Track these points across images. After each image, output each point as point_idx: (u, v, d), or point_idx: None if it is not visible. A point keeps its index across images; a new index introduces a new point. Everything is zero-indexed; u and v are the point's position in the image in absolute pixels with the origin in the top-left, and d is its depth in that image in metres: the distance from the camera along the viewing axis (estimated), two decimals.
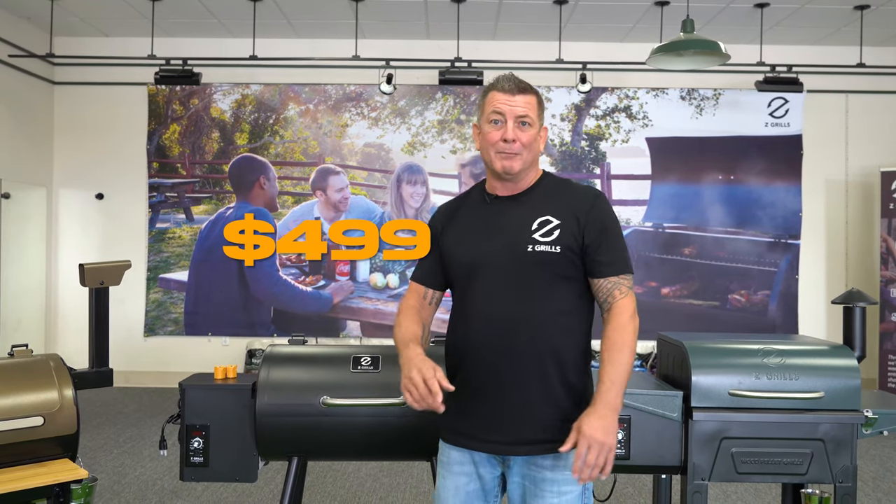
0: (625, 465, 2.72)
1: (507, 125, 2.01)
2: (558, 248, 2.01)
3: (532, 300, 2.03)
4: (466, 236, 2.11)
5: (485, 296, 2.04)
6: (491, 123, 2.03)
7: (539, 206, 2.07)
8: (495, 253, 2.05)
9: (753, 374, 2.65)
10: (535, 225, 2.04)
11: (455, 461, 2.11)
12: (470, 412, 2.06)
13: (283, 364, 2.78)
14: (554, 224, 2.03)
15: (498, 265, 2.04)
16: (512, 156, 2.02)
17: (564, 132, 7.62)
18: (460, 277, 2.11)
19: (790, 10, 6.57)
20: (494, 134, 2.03)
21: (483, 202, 2.13)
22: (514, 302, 2.03)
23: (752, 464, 2.66)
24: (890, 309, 7.07)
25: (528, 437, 2.02)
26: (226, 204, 7.62)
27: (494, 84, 2.07)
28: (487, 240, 2.07)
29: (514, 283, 2.03)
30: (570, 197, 2.08)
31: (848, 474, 2.66)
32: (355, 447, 2.76)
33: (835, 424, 2.65)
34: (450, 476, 2.12)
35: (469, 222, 2.14)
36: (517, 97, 2.02)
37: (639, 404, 2.67)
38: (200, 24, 7.17)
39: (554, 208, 2.06)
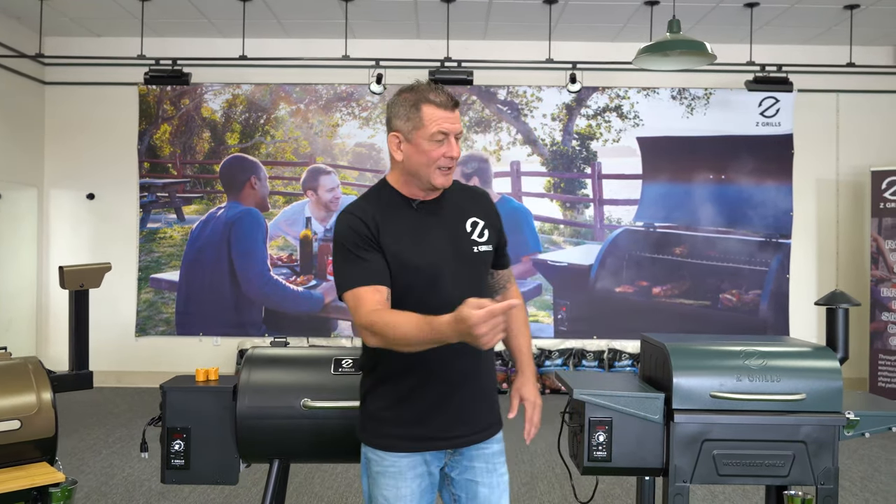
0: (606, 468, 2.72)
1: (452, 142, 2.04)
2: (490, 246, 2.18)
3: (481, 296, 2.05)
4: (412, 241, 2.08)
5: (446, 298, 2.02)
6: (434, 142, 2.03)
7: (460, 209, 2.17)
8: (449, 256, 2.10)
9: (735, 375, 2.65)
10: (468, 227, 2.15)
11: (408, 467, 2.11)
12: (433, 415, 2.10)
13: (264, 366, 2.78)
14: (481, 224, 2.17)
15: (453, 267, 2.10)
16: (449, 171, 2.08)
17: (555, 132, 7.62)
18: (418, 282, 2.07)
19: (780, 10, 6.57)
20: (438, 151, 2.03)
21: (409, 207, 2.12)
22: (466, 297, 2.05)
23: (733, 466, 2.66)
24: (880, 308, 7.08)
25: (485, 422, 2.18)
26: (217, 204, 7.61)
27: (429, 97, 2.04)
28: (435, 244, 2.10)
29: (467, 283, 2.10)
30: (474, 197, 2.23)
31: (830, 476, 2.66)
32: (336, 449, 2.75)
33: (816, 426, 2.65)
34: (405, 483, 2.11)
35: (404, 227, 2.09)
36: (455, 113, 2.06)
37: (620, 406, 2.67)
38: (191, 24, 7.16)
39: (471, 209, 2.18)
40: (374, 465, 2.13)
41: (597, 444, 2.70)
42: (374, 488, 2.13)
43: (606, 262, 7.61)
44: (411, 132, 2.04)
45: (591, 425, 2.69)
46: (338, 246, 2.06)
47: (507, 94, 7.59)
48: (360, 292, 1.99)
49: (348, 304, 2.02)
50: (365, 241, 2.03)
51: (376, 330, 1.93)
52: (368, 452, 2.14)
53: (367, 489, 2.18)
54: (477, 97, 7.59)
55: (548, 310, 7.59)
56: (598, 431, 2.71)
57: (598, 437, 2.70)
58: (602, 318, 7.55)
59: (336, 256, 2.08)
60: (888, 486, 4.69)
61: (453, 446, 2.14)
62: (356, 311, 1.99)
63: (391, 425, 2.10)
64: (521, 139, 7.63)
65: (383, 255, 2.04)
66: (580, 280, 7.60)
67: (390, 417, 2.10)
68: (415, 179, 2.09)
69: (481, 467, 2.17)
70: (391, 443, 2.11)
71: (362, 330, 1.98)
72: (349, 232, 2.04)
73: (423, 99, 2.03)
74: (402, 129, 2.05)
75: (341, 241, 2.05)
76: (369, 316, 1.95)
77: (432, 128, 2.01)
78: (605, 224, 7.63)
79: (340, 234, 2.06)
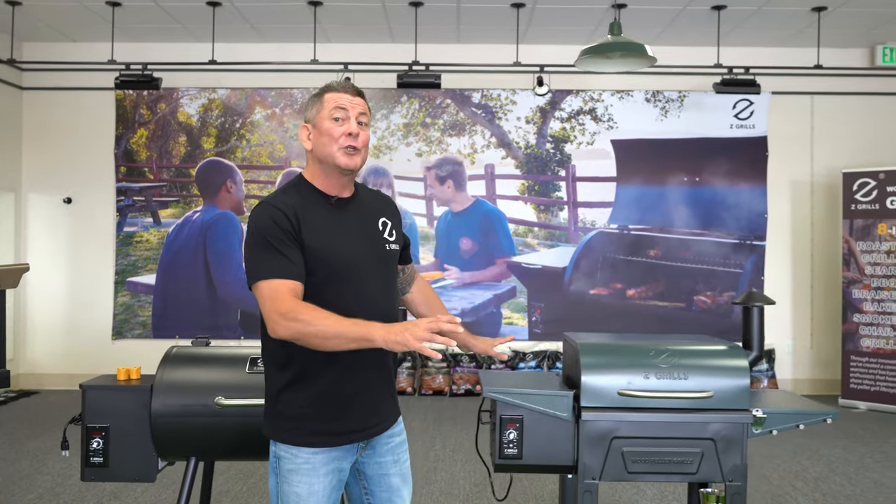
0: (517, 465, 2.74)
1: (351, 120, 2.12)
2: (398, 246, 2.30)
3: (392, 294, 2.28)
4: (332, 237, 2.13)
5: (364, 294, 2.14)
6: (332, 120, 2.11)
7: (371, 208, 2.27)
8: (365, 253, 2.18)
9: (643, 373, 2.67)
10: (379, 226, 2.25)
11: (321, 463, 2.13)
12: (351, 409, 2.15)
13: (180, 365, 2.82)
14: (390, 225, 2.28)
15: (368, 265, 2.18)
16: (355, 151, 2.13)
17: (529, 135, 7.65)
18: (332, 277, 2.11)
19: (748, 13, 6.59)
20: (338, 129, 2.11)
21: (327, 203, 2.17)
22: (384, 298, 2.22)
23: (642, 463, 2.68)
24: (852, 310, 7.08)
25: (391, 410, 2.29)
26: (193, 207, 7.67)
27: (331, 86, 2.17)
28: (354, 241, 2.17)
29: (380, 281, 2.21)
30: (382, 198, 2.36)
31: (738, 473, 2.68)
32: (251, 447, 2.78)
33: (724, 424, 2.67)
34: (318, 479, 2.13)
35: (324, 223, 2.13)
36: (356, 98, 2.16)
37: (530, 404, 2.70)
38: (165, 29, 7.22)
39: (381, 210, 2.29)
40: (286, 463, 2.14)
41: (508, 442, 2.73)
42: (286, 486, 2.14)
43: (581, 264, 7.63)
44: (315, 117, 2.14)
45: (502, 423, 2.72)
46: (257, 236, 2.07)
47: (481, 97, 7.63)
48: (278, 284, 2.01)
49: (262, 293, 2.02)
50: (286, 235, 2.05)
51: (298, 317, 1.94)
52: (280, 450, 2.15)
53: (275, 488, 2.18)
54: (451, 100, 7.63)
55: (522, 312, 7.61)
56: (509, 429, 2.73)
57: (508, 435, 2.73)
58: (576, 321, 7.56)
59: (253, 247, 2.08)
60: (840, 488, 4.69)
61: (367, 437, 2.20)
62: (272, 300, 1.99)
63: (310, 421, 2.12)
64: (495, 142, 7.66)
65: (301, 250, 2.06)
66: (554, 282, 7.62)
67: (309, 414, 2.12)
68: (323, 166, 2.14)
69: (390, 459, 2.27)
70: (309, 439, 2.12)
71: (278, 318, 1.96)
72: (271, 224, 2.06)
73: (326, 88, 2.18)
74: (310, 118, 2.16)
75: (262, 232, 2.06)
76: (289, 304, 1.97)
77: (331, 104, 2.12)
78: (580, 226, 7.65)
79: (261, 225, 2.07)
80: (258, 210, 2.11)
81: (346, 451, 2.18)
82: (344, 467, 2.18)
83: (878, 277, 6.93)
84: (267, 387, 2.21)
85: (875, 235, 6.95)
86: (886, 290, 6.88)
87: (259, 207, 2.12)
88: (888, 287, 6.87)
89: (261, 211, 2.10)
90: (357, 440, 2.18)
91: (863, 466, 5.15)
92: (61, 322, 7.70)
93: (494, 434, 2.74)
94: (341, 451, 2.16)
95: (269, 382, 2.20)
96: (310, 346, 1.97)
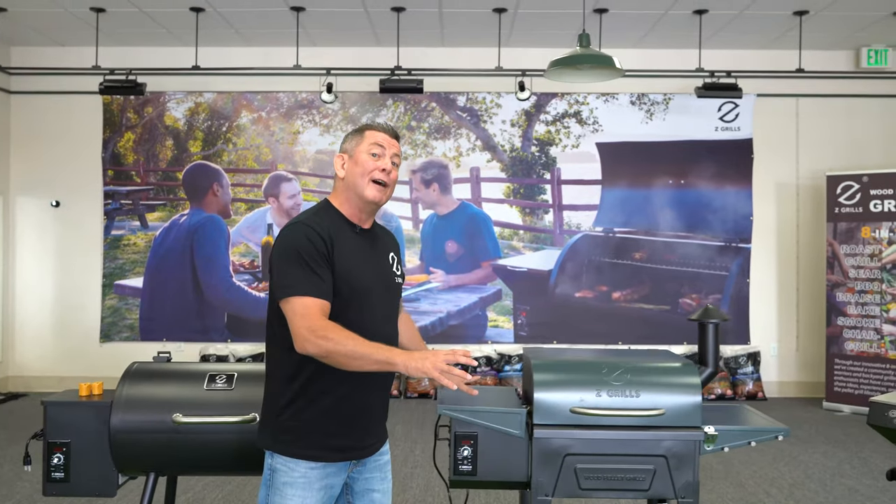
0: (472, 481, 2.77)
1: (386, 158, 2.27)
2: (402, 280, 2.46)
3: (395, 322, 2.44)
4: (357, 262, 2.25)
5: (377, 317, 2.29)
6: (369, 154, 2.26)
7: (384, 242, 2.43)
8: (380, 281, 2.33)
9: (595, 390, 2.70)
10: (390, 259, 2.41)
11: (317, 478, 2.19)
12: (353, 426, 2.24)
13: (140, 381, 2.85)
14: (397, 260, 2.44)
15: (381, 293, 2.33)
16: (385, 187, 2.27)
17: (515, 138, 7.67)
18: (353, 299, 2.21)
19: (730, 17, 6.59)
20: (373, 163, 2.25)
21: (353, 231, 2.29)
22: (390, 324, 2.39)
23: (594, 480, 2.70)
24: (836, 313, 7.09)
25: (384, 430, 2.41)
26: (180, 211, 7.70)
27: (372, 125, 2.34)
28: (372, 268, 2.32)
29: (388, 307, 2.37)
30: (390, 235, 2.51)
31: (690, 489, 2.70)
32: (209, 464, 2.82)
33: (676, 441, 2.69)
34: (311, 494, 2.19)
35: (351, 248, 2.24)
36: (393, 140, 2.32)
37: (484, 422, 2.72)
38: (151, 34, 7.24)
39: (390, 245, 2.45)
40: (281, 476, 2.18)
41: (462, 458, 2.76)
42: (278, 498, 2.18)
43: (566, 267, 7.65)
44: (353, 149, 2.28)
45: (456, 440, 2.75)
46: (291, 253, 2.13)
47: (466, 100, 7.64)
48: (311, 302, 2.10)
49: (293, 308, 2.09)
50: (321, 256, 2.14)
51: (329, 336, 2.04)
52: (277, 463, 2.19)
53: (265, 500, 2.22)
54: (436, 104, 7.64)
55: (507, 315, 7.63)
56: (464, 446, 2.76)
57: (462, 452, 2.76)
58: (562, 324, 7.59)
59: (285, 262, 2.14)
60: (814, 495, 4.72)
61: (363, 456, 2.30)
62: (303, 317, 2.08)
63: (313, 435, 2.18)
64: (480, 145, 7.68)
65: (332, 272, 2.16)
66: (540, 285, 7.64)
67: (313, 428, 2.18)
68: (352, 195, 2.26)
69: (377, 476, 2.37)
70: (309, 453, 2.18)
71: (308, 335, 2.05)
72: (307, 242, 2.14)
73: (367, 126, 2.33)
74: (347, 149, 2.30)
75: (297, 249, 2.13)
76: (320, 321, 2.07)
77: (370, 140, 2.27)
78: (565, 229, 7.67)
79: (296, 243, 2.14)
80: (293, 228, 2.19)
81: (340, 467, 2.25)
82: (335, 483, 2.25)
83: (862, 280, 6.94)
84: (268, 398, 2.26)
85: (859, 238, 6.96)
86: (870, 293, 6.89)
87: (294, 226, 2.20)
88: (872, 290, 6.88)
89: (296, 229, 2.18)
90: (354, 458, 2.27)
91: (839, 473, 5.17)
92: (49, 325, 7.74)
93: (450, 450, 2.77)
94: (336, 467, 2.23)
95: (272, 394, 2.24)
96: (334, 363, 2.07)
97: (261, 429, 2.26)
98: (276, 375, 2.23)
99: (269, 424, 2.23)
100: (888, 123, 7.63)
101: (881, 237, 6.83)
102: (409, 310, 7.75)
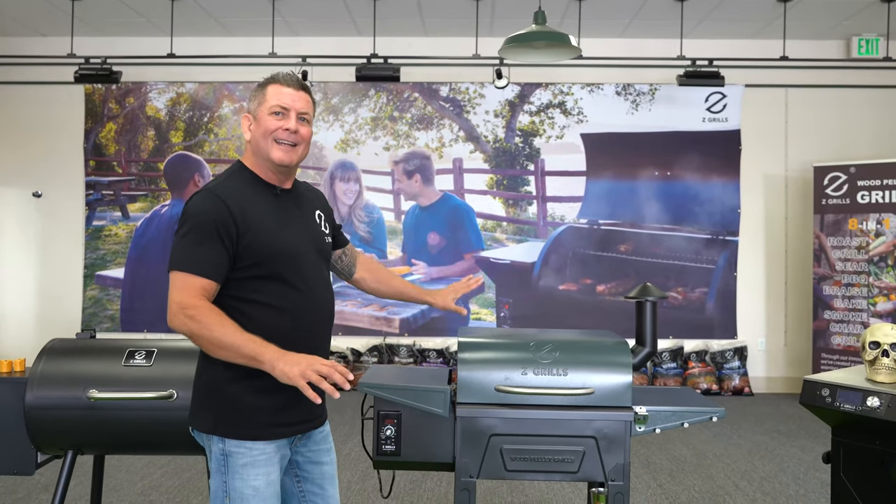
0: (396, 462, 2.68)
1: (291, 117, 2.11)
2: (331, 238, 2.35)
3: (328, 284, 2.29)
4: (279, 226, 2.12)
5: (311, 284, 2.17)
6: (272, 115, 2.11)
7: (310, 201, 2.30)
8: (306, 244, 2.19)
9: (521, 368, 2.60)
10: (317, 219, 2.28)
11: (274, 452, 2.13)
12: (298, 400, 2.04)
13: (58, 357, 2.79)
14: (324, 217, 2.32)
15: (309, 256, 2.19)
16: (291, 148, 2.13)
17: (498, 128, 7.57)
18: (278, 266, 2.09)
19: (712, 5, 6.48)
20: (275, 123, 2.10)
21: (272, 194, 2.17)
22: (323, 288, 2.24)
23: (521, 461, 2.61)
24: (823, 307, 6.95)
25: (325, 405, 2.25)
26: (161, 201, 7.66)
27: (275, 78, 2.15)
28: (297, 230, 2.18)
29: (322, 271, 2.26)
30: (312, 191, 2.38)
31: (620, 472, 2.61)
32: (126, 441, 2.75)
33: (606, 422, 2.60)
34: (273, 469, 2.12)
35: (268, 212, 2.12)
36: (300, 92, 2.14)
37: (406, 400, 2.64)
38: (131, 24, 7.20)
39: (315, 202, 2.33)
40: (239, 458, 2.08)
41: (385, 438, 2.67)
42: (239, 482, 2.08)
43: (550, 259, 7.54)
44: (256, 109, 2.13)
45: (380, 419, 2.66)
46: (190, 224, 2.03)
47: (449, 90, 7.55)
48: (191, 279, 1.99)
49: (174, 282, 2.01)
50: (219, 231, 2.01)
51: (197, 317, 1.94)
52: (231, 446, 2.08)
53: (222, 487, 2.10)
54: (419, 94, 7.56)
55: (490, 307, 7.54)
56: (387, 425, 2.67)
57: (386, 431, 2.67)
58: (545, 316, 7.48)
59: (180, 233, 2.05)
60: (784, 488, 4.59)
61: (311, 428, 2.25)
62: (179, 291, 1.98)
63: (263, 413, 2.09)
64: (463, 136, 7.59)
65: (234, 251, 2.03)
66: (523, 278, 7.54)
67: (263, 405, 2.08)
68: (260, 159, 2.14)
69: (323, 448, 2.33)
70: (263, 432, 2.09)
71: (177, 311, 1.96)
72: (206, 214, 2.02)
73: (270, 80, 2.16)
74: (251, 109, 2.16)
75: (197, 220, 2.02)
76: (194, 301, 1.96)
77: (272, 101, 2.11)
78: (549, 221, 7.56)
79: (198, 213, 2.03)
80: (199, 196, 2.07)
81: (285, 443, 2.19)
82: (287, 454, 2.20)
83: (849, 273, 6.80)
84: (203, 379, 2.13)
85: (846, 231, 6.81)
86: (857, 286, 6.75)
87: (201, 194, 2.07)
88: (859, 283, 6.74)
89: (202, 199, 2.06)
90: (303, 431, 2.21)
91: (815, 467, 5.04)
92: (31, 316, 7.72)
93: (373, 430, 2.68)
94: (280, 443, 2.16)
95: (209, 374, 2.11)
96: (200, 347, 2.00)
97: (198, 412, 2.13)
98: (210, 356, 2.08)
99: (207, 406, 2.11)
100: (878, 114, 7.48)
101: (868, 229, 6.69)
102: (391, 302, 7.67)
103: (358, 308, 7.41)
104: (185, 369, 2.72)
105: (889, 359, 2.46)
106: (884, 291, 6.60)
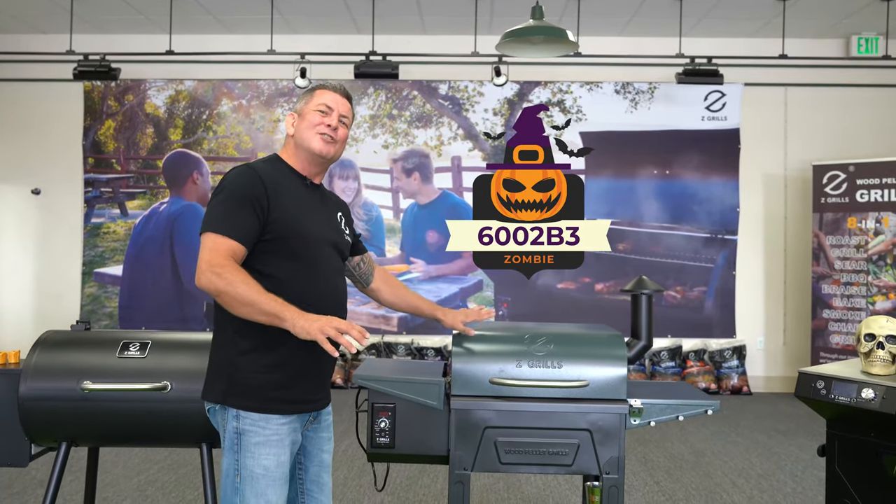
0: (390, 454, 2.67)
1: (333, 116, 2.30)
2: (350, 240, 2.47)
3: (340, 278, 2.40)
4: (304, 212, 2.25)
5: (328, 271, 2.29)
6: (317, 112, 2.28)
7: (332, 202, 2.45)
8: (326, 235, 2.32)
9: (516, 361, 2.60)
10: (338, 218, 2.42)
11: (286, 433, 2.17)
12: (307, 377, 2.22)
13: (52, 349, 2.78)
14: (345, 220, 2.46)
15: (327, 247, 2.32)
16: (332, 142, 2.29)
17: (497, 126, 7.56)
18: (302, 247, 2.21)
19: (711, 3, 6.47)
20: (319, 119, 2.28)
21: (302, 184, 2.31)
22: (335, 279, 2.34)
23: (515, 454, 2.60)
24: (822, 306, 6.94)
25: (329, 387, 2.38)
26: (159, 199, 7.66)
27: (324, 84, 2.36)
28: (319, 222, 2.31)
29: (334, 264, 2.35)
30: (336, 197, 2.50)
31: (615, 465, 2.60)
32: (121, 433, 2.75)
33: (601, 414, 2.59)
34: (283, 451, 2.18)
35: (298, 199, 2.25)
36: (343, 99, 2.34)
37: (401, 392, 2.63)
38: (130, 21, 7.20)
39: (338, 205, 2.47)
40: (252, 437, 2.14)
41: (379, 431, 2.66)
42: (250, 459, 2.13)
43: None
44: (303, 107, 2.31)
45: (374, 411, 2.65)
46: (227, 192, 2.15)
47: (448, 88, 7.55)
48: (221, 241, 2.08)
49: (204, 242, 2.11)
50: (252, 200, 2.13)
51: (223, 274, 2.02)
52: (245, 424, 2.14)
53: (233, 465, 2.15)
54: (418, 92, 7.56)
55: (489, 305, 7.53)
56: (381, 418, 2.66)
57: (380, 424, 2.66)
58: (544, 315, 7.47)
59: (214, 200, 2.16)
60: (781, 485, 4.58)
61: (320, 407, 2.31)
62: (210, 251, 2.07)
63: (276, 389, 2.15)
64: (462, 134, 7.58)
65: (265, 218, 2.14)
66: (521, 276, 7.52)
67: (274, 380, 2.15)
68: (301, 150, 2.28)
69: (325, 436, 2.39)
70: (277, 406, 2.15)
71: (205, 268, 2.04)
72: (241, 183, 2.15)
73: (319, 86, 2.36)
74: (298, 108, 2.34)
75: (232, 188, 2.15)
76: (222, 260, 2.05)
77: (318, 100, 2.29)
78: None
79: (234, 183, 2.16)
80: (237, 170, 2.22)
81: (301, 421, 2.25)
82: (298, 439, 2.25)
83: (848, 272, 6.79)
84: (217, 353, 2.21)
85: (845, 229, 6.81)
86: (856, 285, 6.74)
87: (239, 168, 2.22)
88: (857, 282, 6.73)
89: (240, 172, 2.20)
90: (313, 409, 2.28)
91: (812, 465, 5.03)
92: (29, 313, 7.71)
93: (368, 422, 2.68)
94: (299, 420, 2.23)
95: (222, 347, 2.19)
96: (225, 305, 2.06)
97: (212, 384, 2.19)
98: (226, 329, 2.17)
99: (221, 379, 2.16)
100: (878, 113, 7.47)
101: (867, 228, 6.68)
102: None
103: (356, 306, 7.40)
104: (179, 361, 2.72)
105: (884, 351, 2.46)
106: (883, 290, 6.59)
